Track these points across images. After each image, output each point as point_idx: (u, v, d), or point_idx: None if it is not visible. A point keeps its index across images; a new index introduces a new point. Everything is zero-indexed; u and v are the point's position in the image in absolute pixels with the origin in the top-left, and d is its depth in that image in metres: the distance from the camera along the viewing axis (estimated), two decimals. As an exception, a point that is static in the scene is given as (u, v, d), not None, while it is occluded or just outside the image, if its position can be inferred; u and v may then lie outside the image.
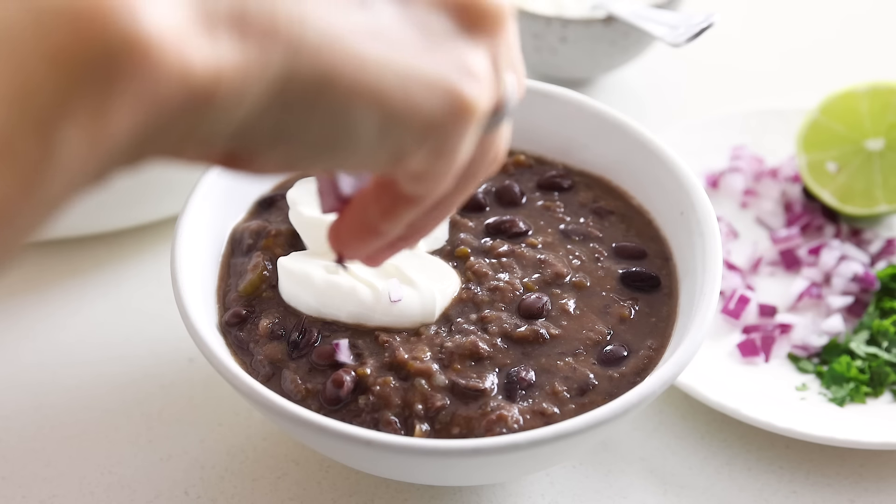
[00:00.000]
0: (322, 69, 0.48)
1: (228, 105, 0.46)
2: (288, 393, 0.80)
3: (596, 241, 0.92)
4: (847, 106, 1.12)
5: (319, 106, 0.49)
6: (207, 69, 0.44)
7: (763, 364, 1.00)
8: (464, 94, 0.53)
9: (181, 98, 0.44)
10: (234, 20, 0.45)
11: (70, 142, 0.42)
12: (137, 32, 0.42)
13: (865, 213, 1.11)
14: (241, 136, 0.49)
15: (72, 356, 1.01)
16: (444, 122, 0.53)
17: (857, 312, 1.04)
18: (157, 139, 0.46)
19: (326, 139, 0.51)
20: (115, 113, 0.43)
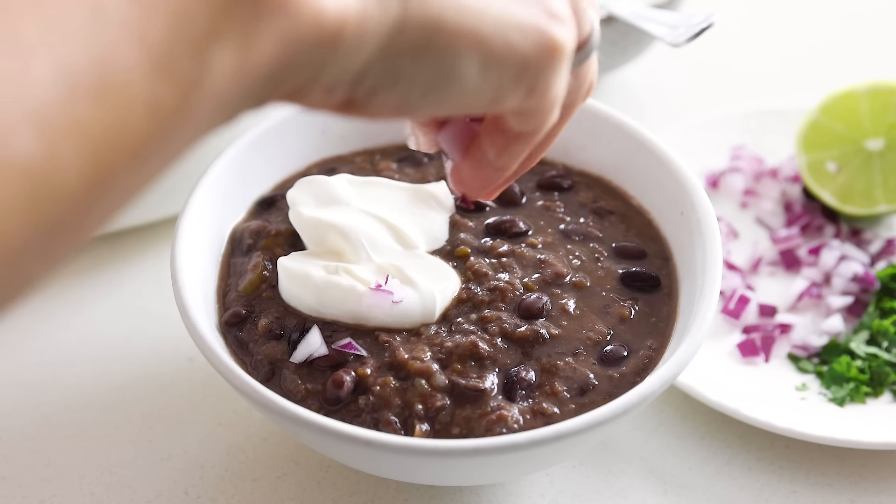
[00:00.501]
0: (430, 17, 0.54)
1: (351, 49, 0.51)
2: (288, 393, 0.80)
3: (596, 241, 0.92)
4: (847, 106, 1.12)
5: (428, 50, 0.55)
6: (336, 13, 0.49)
7: (763, 364, 1.00)
8: (553, 34, 0.58)
9: (314, 37, 0.49)
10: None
11: (220, 64, 0.46)
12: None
13: (865, 213, 1.11)
14: (360, 81, 0.54)
15: (72, 355, 1.01)
16: (537, 62, 0.59)
17: (857, 312, 1.04)
18: (289, 77, 0.50)
19: (435, 80, 0.57)
20: (260, 43, 0.47)
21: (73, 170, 0.43)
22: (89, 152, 0.43)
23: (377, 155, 0.99)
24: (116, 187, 0.45)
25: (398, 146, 1.00)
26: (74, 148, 0.43)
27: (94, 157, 0.43)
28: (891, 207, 1.10)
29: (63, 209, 0.43)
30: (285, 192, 0.92)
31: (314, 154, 0.98)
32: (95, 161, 0.44)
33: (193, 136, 0.48)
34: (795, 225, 1.12)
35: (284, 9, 0.47)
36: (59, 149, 0.42)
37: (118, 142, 0.44)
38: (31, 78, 0.42)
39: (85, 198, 0.44)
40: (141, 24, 0.44)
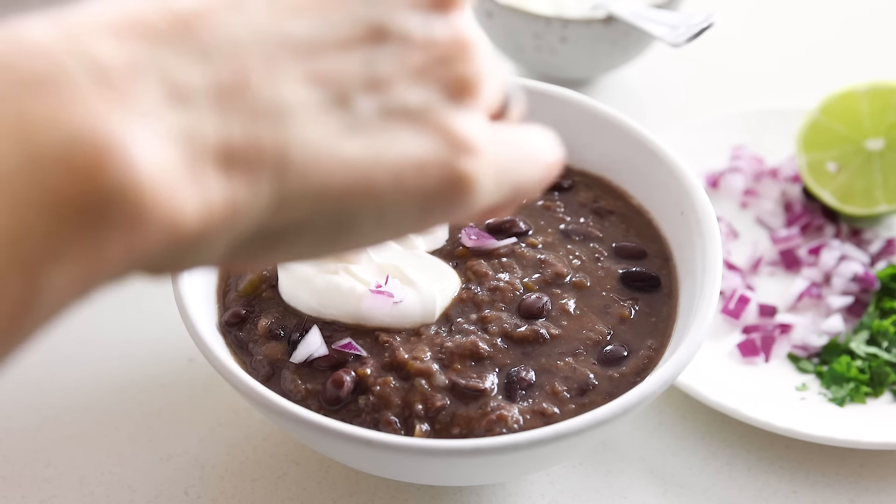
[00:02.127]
0: (312, 185, 0.48)
1: (218, 237, 0.46)
2: (288, 393, 0.80)
3: (596, 241, 0.92)
4: (847, 106, 1.12)
5: (313, 216, 0.49)
6: (197, 213, 0.44)
7: (763, 364, 1.00)
8: (458, 169, 0.52)
9: (170, 241, 0.44)
10: (220, 157, 0.45)
11: (57, 282, 0.43)
12: (131, 184, 0.42)
13: (865, 213, 1.11)
14: (236, 254, 0.50)
15: (72, 356, 1.01)
16: (443, 199, 0.52)
17: (857, 312, 1.04)
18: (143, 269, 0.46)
19: (324, 239, 0.52)
20: (105, 257, 0.43)
21: None
22: None
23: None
24: None
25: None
26: None
27: None
28: (891, 207, 1.10)
29: None
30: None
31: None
32: None
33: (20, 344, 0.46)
34: (795, 225, 1.12)
35: (135, 222, 0.42)
36: None
37: None
38: None
39: None
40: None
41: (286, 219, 0.48)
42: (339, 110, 0.49)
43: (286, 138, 0.47)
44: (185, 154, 0.44)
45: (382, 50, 0.51)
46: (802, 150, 1.13)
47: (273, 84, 0.47)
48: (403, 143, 0.51)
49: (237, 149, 0.45)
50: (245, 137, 0.46)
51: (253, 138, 0.46)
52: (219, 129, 0.45)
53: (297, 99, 0.47)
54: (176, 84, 0.44)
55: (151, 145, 0.42)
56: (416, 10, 0.52)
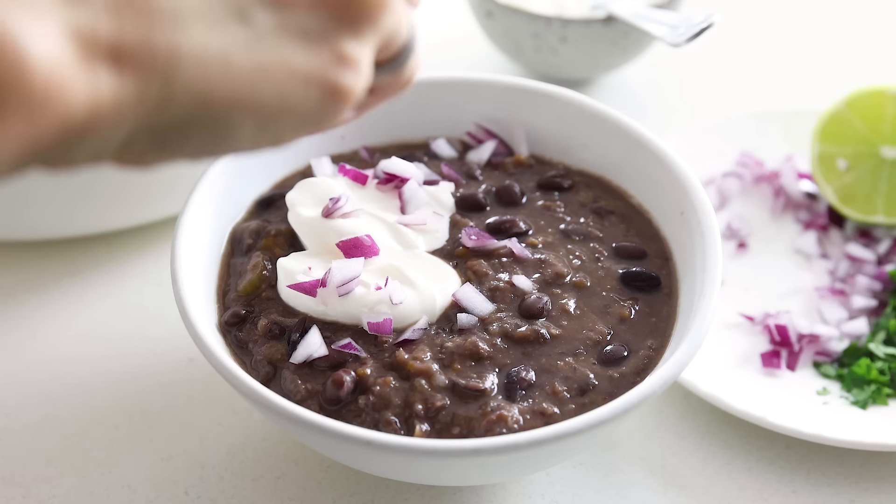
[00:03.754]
0: (198, 91, 0.51)
1: (107, 130, 0.49)
2: (288, 393, 0.80)
3: (596, 241, 0.92)
4: (874, 104, 1.10)
5: (196, 121, 0.53)
6: (86, 102, 0.47)
7: (783, 370, 0.99)
8: (337, 83, 0.56)
9: (61, 129, 0.47)
10: (111, 52, 0.48)
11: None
12: (27, 70, 0.45)
13: (861, 220, 1.10)
14: (126, 149, 0.52)
15: (72, 356, 1.01)
16: (321, 109, 0.57)
17: (875, 312, 1.04)
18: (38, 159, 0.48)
19: (208, 143, 0.55)
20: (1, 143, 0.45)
21: None
22: None
23: (377, 154, 0.99)
24: None
25: (398, 145, 1.00)
26: None
27: None
28: (888, 220, 1.09)
29: None
30: (284, 192, 0.92)
31: (313, 153, 0.97)
32: None
33: None
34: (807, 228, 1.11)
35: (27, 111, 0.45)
36: None
37: None
38: None
39: None
40: None
41: (173, 118, 0.51)
42: (236, 23, 0.52)
43: (178, 42, 0.50)
44: (76, 47, 0.47)
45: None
46: (818, 139, 1.12)
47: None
48: (292, 59, 0.54)
49: (128, 47, 0.48)
50: (137, 37, 0.49)
51: (145, 39, 0.49)
52: (111, 28, 0.48)
53: (194, 6, 0.51)
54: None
55: (44, 37, 0.45)
56: None
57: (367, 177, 0.92)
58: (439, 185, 0.93)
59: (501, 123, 1.00)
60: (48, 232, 1.07)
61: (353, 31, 0.56)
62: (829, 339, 1.01)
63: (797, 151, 1.17)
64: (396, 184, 0.91)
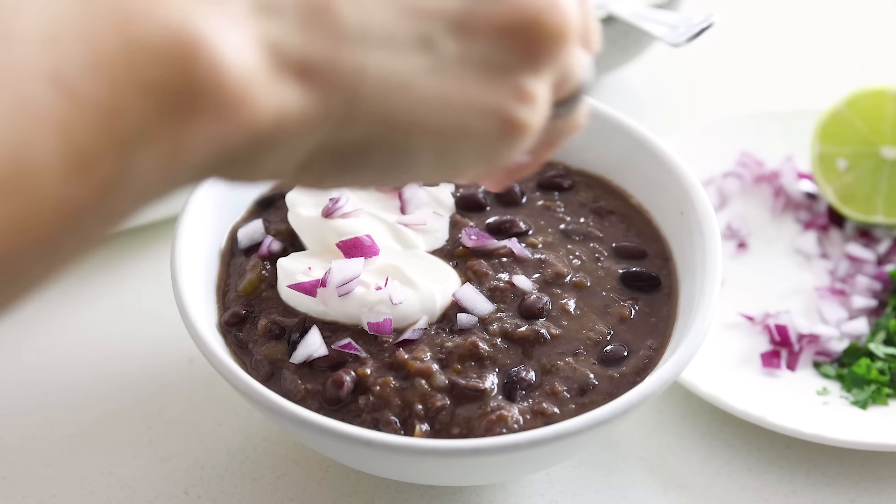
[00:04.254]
0: (380, 113, 0.52)
1: (291, 144, 0.50)
2: (288, 393, 0.80)
3: (596, 241, 0.92)
4: (874, 104, 1.10)
5: (377, 145, 0.54)
6: (274, 112, 0.48)
7: (783, 370, 0.99)
8: (515, 117, 0.56)
9: (247, 137, 0.48)
10: (300, 67, 0.49)
11: (145, 164, 0.45)
12: (222, 74, 0.46)
13: (861, 220, 1.10)
14: (305, 169, 0.53)
15: (72, 356, 1.01)
16: (496, 142, 0.57)
17: (875, 312, 1.04)
18: (223, 167, 0.50)
19: (386, 168, 0.56)
20: (190, 144, 0.46)
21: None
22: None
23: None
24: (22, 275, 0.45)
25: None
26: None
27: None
28: (888, 220, 1.09)
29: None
30: (284, 192, 0.92)
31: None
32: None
33: (110, 225, 0.48)
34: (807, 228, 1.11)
35: (218, 114, 0.46)
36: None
37: (24, 236, 0.43)
38: None
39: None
40: (67, 120, 0.43)
41: (354, 139, 0.53)
42: (421, 50, 0.53)
43: (364, 63, 0.51)
44: (267, 58, 0.48)
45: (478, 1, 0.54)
46: (818, 139, 1.12)
47: (360, 11, 0.50)
48: (474, 90, 0.55)
49: (317, 63, 0.49)
50: (325, 54, 0.50)
51: (333, 56, 0.50)
52: (302, 43, 0.49)
53: (382, 30, 0.51)
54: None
55: (238, 46, 0.47)
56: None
57: None
58: (439, 185, 0.93)
59: (501, 123, 1.00)
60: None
61: (533, 66, 0.56)
62: (829, 339, 1.01)
63: (797, 151, 1.17)
64: None
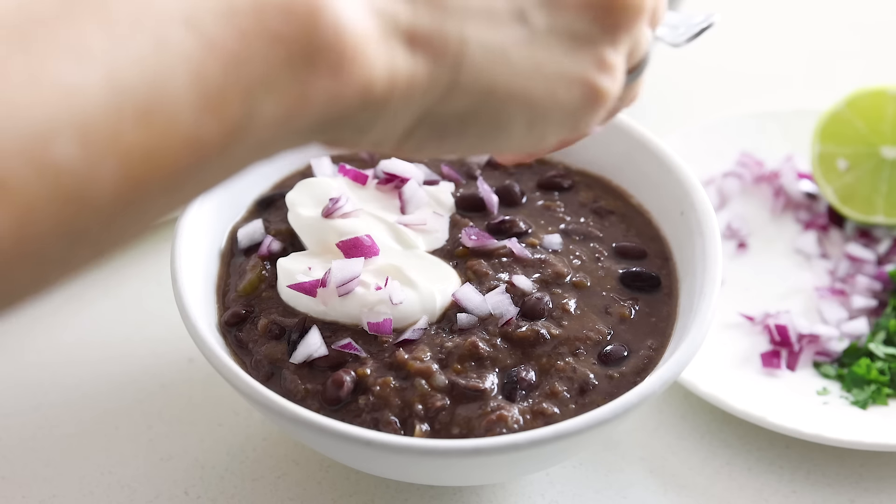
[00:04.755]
0: (482, 82, 0.56)
1: (397, 111, 0.54)
2: (288, 393, 0.80)
3: (596, 241, 0.92)
4: (874, 104, 1.10)
5: (478, 114, 0.57)
6: (385, 79, 0.52)
7: (783, 369, 0.99)
8: (599, 86, 0.60)
9: (360, 100, 0.51)
10: (408, 34, 0.53)
11: (267, 112, 0.48)
12: (341, 33, 0.49)
13: (861, 220, 1.10)
14: (408, 137, 0.57)
15: (72, 356, 1.01)
16: (581, 110, 0.61)
17: (875, 312, 1.04)
18: (332, 130, 0.52)
19: (483, 136, 0.59)
20: (309, 99, 0.49)
21: (108, 184, 0.44)
22: (126, 171, 0.45)
23: (377, 154, 0.99)
24: (145, 209, 0.47)
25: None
26: (113, 164, 0.44)
27: (129, 177, 0.45)
28: (888, 220, 1.09)
29: (90, 220, 0.45)
30: (284, 192, 0.92)
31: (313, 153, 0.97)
32: (130, 180, 0.45)
33: (227, 173, 0.50)
34: (807, 228, 1.11)
35: (337, 70, 0.49)
36: (97, 161, 0.44)
37: (155, 167, 0.46)
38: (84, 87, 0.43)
39: (113, 214, 0.46)
40: (200, 61, 0.46)
41: (455, 107, 0.56)
42: (516, 22, 0.57)
43: (467, 35, 0.55)
44: (380, 24, 0.52)
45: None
46: (818, 139, 1.12)
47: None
48: (561, 60, 0.58)
49: (423, 33, 0.53)
50: (431, 25, 0.53)
51: (438, 27, 0.54)
52: (409, 13, 0.53)
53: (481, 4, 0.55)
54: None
55: (355, 9, 0.50)
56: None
57: (367, 177, 0.92)
58: (439, 185, 0.93)
59: (501, 123, 1.00)
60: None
61: (612, 37, 0.60)
62: (829, 339, 1.01)
63: (797, 151, 1.17)
64: (396, 184, 0.91)
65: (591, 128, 0.64)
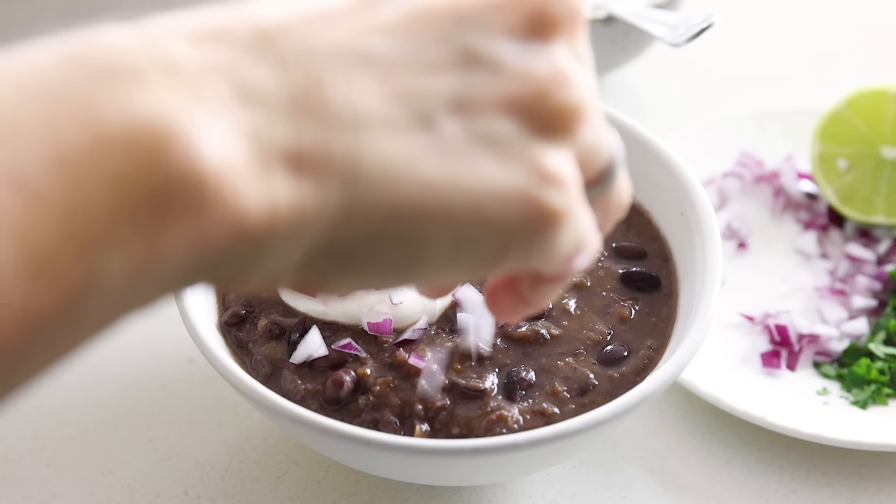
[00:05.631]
0: (384, 200, 0.47)
1: (286, 243, 0.45)
2: (288, 393, 0.80)
3: (596, 241, 0.91)
4: (874, 104, 1.10)
5: (386, 235, 0.48)
6: (262, 211, 0.44)
7: (783, 369, 0.99)
8: (542, 202, 0.50)
9: (233, 239, 0.43)
10: (289, 157, 0.44)
11: (115, 268, 0.42)
12: (195, 170, 0.41)
13: (861, 220, 1.10)
14: (307, 269, 0.48)
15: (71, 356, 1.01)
16: (525, 232, 0.51)
17: (875, 312, 1.04)
18: (210, 272, 0.45)
19: (397, 263, 0.50)
20: (165, 246, 0.42)
21: None
22: None
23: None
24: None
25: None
26: None
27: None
28: (888, 220, 1.09)
29: None
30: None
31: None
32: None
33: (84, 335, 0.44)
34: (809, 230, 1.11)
35: (197, 211, 0.42)
36: None
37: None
38: None
39: None
40: (24, 221, 0.39)
41: (356, 233, 0.47)
42: (420, 130, 0.48)
43: (359, 149, 0.46)
44: (251, 151, 0.43)
45: (473, 75, 0.49)
46: (818, 139, 1.11)
47: (349, 94, 0.46)
48: (486, 170, 0.49)
49: (306, 153, 0.45)
50: (315, 143, 0.45)
51: (323, 144, 0.45)
52: (288, 132, 0.44)
53: (375, 112, 0.47)
54: (248, 85, 0.44)
55: (217, 137, 0.42)
56: (512, 38, 0.50)
57: None
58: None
59: (501, 123, 1.00)
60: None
61: (550, 141, 0.50)
62: (829, 339, 1.01)
63: (797, 151, 1.17)
64: None
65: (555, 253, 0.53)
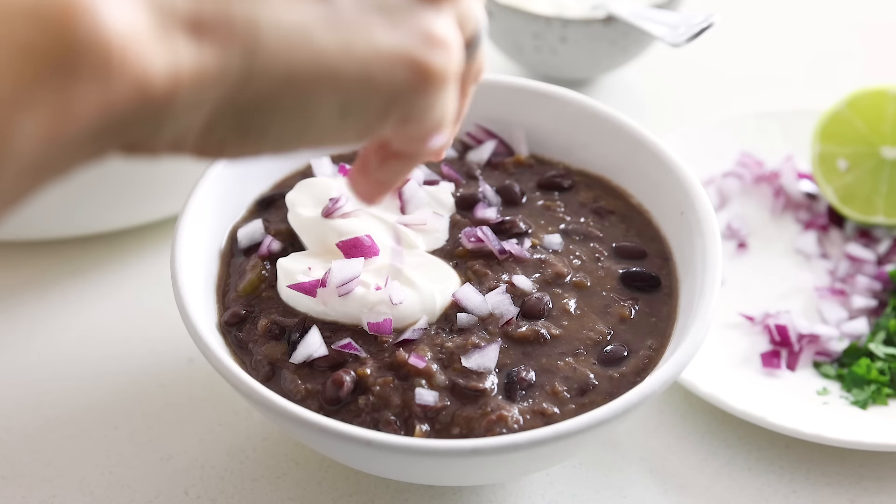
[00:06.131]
0: (279, 67, 0.50)
1: (189, 106, 0.48)
2: (288, 393, 0.80)
3: (596, 241, 0.92)
4: (874, 104, 1.10)
5: (279, 101, 0.52)
6: (165, 73, 0.46)
7: (783, 370, 0.99)
8: (427, 63, 0.54)
9: (139, 101, 0.46)
10: (190, 23, 0.48)
11: (26, 133, 0.44)
12: (99, 35, 0.44)
13: (861, 220, 1.10)
14: (208, 133, 0.52)
15: (72, 356, 1.01)
16: (408, 92, 0.55)
17: (875, 312, 1.04)
18: (118, 136, 0.47)
19: (289, 126, 0.54)
20: (73, 110, 0.44)
21: None
22: None
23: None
24: None
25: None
26: None
27: None
28: (888, 220, 1.09)
29: None
30: (284, 192, 0.92)
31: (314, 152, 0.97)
32: None
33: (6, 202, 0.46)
34: (809, 229, 1.11)
35: (103, 75, 0.44)
36: None
37: None
38: None
39: None
40: None
41: (255, 96, 0.51)
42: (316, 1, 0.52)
43: (258, 16, 0.49)
44: (153, 17, 0.46)
45: None
46: (819, 139, 1.12)
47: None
48: (377, 36, 0.53)
49: (207, 18, 0.48)
50: (215, 9, 0.48)
51: (223, 11, 0.48)
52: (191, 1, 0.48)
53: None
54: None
55: (119, 5, 0.45)
56: None
57: None
58: (439, 185, 0.93)
59: (501, 123, 1.00)
60: (48, 232, 1.07)
61: (434, 6, 0.55)
62: (829, 339, 1.01)
63: (797, 151, 1.17)
64: None
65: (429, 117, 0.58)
